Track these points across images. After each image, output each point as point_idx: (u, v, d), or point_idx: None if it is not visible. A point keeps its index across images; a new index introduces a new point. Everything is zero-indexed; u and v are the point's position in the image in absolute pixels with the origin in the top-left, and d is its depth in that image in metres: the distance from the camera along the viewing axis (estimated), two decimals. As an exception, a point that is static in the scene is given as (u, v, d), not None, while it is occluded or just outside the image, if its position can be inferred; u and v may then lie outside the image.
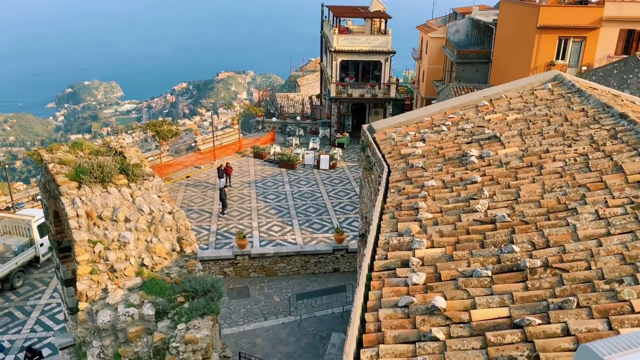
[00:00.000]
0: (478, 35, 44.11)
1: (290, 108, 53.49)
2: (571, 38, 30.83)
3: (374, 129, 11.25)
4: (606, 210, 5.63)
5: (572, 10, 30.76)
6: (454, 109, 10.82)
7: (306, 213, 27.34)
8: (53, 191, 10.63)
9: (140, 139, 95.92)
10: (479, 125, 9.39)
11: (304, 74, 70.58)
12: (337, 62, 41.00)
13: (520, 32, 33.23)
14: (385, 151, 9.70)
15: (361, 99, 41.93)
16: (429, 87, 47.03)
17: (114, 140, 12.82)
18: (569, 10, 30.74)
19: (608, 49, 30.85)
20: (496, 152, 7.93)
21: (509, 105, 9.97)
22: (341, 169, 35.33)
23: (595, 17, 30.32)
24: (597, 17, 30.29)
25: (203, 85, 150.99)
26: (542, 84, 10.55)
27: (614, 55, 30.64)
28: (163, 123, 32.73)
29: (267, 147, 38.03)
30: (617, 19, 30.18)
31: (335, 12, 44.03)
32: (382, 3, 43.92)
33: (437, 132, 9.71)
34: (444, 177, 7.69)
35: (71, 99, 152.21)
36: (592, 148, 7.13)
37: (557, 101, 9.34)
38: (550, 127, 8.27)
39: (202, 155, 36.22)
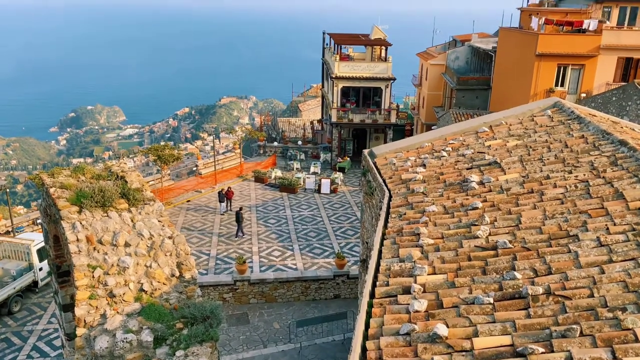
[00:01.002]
0: (478, 62, 44.64)
1: (291, 133, 53.78)
2: (570, 65, 31.19)
3: (374, 154, 11.29)
4: (608, 237, 5.61)
5: (570, 38, 31.18)
6: (454, 135, 10.87)
7: (307, 238, 27.23)
8: (54, 215, 10.63)
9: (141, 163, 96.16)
10: (479, 151, 9.42)
11: (306, 99, 71.20)
12: (338, 88, 41.41)
13: (519, 59, 33.63)
14: (386, 176, 9.72)
15: (362, 124, 42.20)
16: (429, 113, 47.37)
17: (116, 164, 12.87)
18: (567, 39, 31.16)
19: (606, 76, 31.17)
20: (497, 178, 7.94)
21: (509, 131, 10.02)
22: (342, 193, 35.32)
23: (593, 45, 30.73)
24: (595, 45, 30.69)
25: (205, 110, 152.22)
26: (542, 110, 10.63)
27: (612, 82, 30.94)
28: (165, 147, 32.86)
29: (269, 171, 38.11)
30: (614, 47, 30.57)
31: (336, 40, 44.68)
32: (382, 31, 44.59)
33: (438, 158, 9.74)
34: (445, 202, 7.69)
35: (74, 123, 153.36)
36: (592, 175, 7.14)
37: (557, 128, 9.39)
38: (551, 154, 8.30)
39: (203, 180, 36.26)
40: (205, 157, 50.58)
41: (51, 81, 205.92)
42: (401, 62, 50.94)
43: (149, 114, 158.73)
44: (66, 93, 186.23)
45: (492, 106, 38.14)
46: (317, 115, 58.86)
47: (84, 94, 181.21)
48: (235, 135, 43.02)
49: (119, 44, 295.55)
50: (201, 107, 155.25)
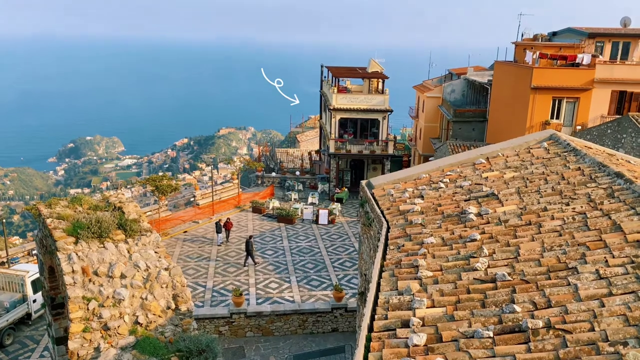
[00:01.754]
0: (473, 95, 45.23)
1: (289, 163, 53.99)
2: (565, 98, 31.62)
3: (372, 185, 11.31)
4: (607, 270, 5.59)
5: (564, 72, 31.71)
6: (452, 166, 10.93)
7: (304, 269, 27.01)
8: (50, 246, 10.55)
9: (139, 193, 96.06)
10: (476, 182, 9.46)
11: (304, 130, 71.75)
12: (336, 119, 41.80)
13: (515, 92, 34.11)
14: (384, 207, 9.71)
15: (360, 155, 42.43)
16: (426, 144, 47.71)
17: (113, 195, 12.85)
18: (562, 72, 31.69)
19: (601, 109, 31.56)
20: (494, 210, 7.95)
21: (506, 163, 10.08)
22: (340, 224, 35.20)
23: (587, 79, 31.23)
24: (588, 79, 31.19)
25: (204, 140, 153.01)
26: (538, 142, 10.72)
27: (607, 115, 31.31)
28: (163, 178, 32.91)
29: (266, 201, 38.06)
30: (608, 80, 31.06)
31: (334, 73, 45.35)
32: (379, 64, 45.32)
33: (435, 189, 9.76)
34: (443, 234, 7.67)
35: (72, 153, 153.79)
36: (590, 207, 7.16)
37: (554, 160, 9.45)
38: (548, 186, 8.33)
39: (200, 210, 36.17)
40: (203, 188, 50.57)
41: (51, 112, 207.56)
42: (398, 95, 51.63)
43: (147, 145, 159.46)
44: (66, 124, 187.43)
45: (488, 138, 38.46)
46: (315, 146, 59.22)
47: (83, 124, 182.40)
48: (233, 165, 43.21)
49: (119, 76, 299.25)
50: (200, 137, 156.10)
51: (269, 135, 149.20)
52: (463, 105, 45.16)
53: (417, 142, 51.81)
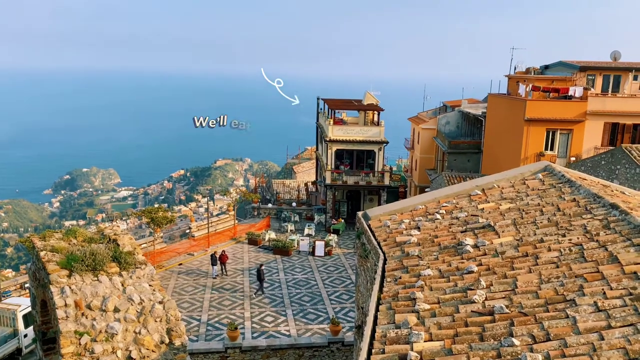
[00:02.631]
0: (468, 127, 45.70)
1: (286, 194, 53.96)
2: (558, 130, 31.98)
3: (369, 216, 11.29)
4: (605, 302, 5.55)
5: (557, 104, 32.17)
6: (448, 197, 10.95)
7: (300, 302, 26.67)
8: (43, 279, 10.42)
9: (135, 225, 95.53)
10: (472, 214, 9.46)
11: (300, 161, 72.01)
12: (332, 150, 42.05)
13: (509, 124, 34.49)
14: (380, 238, 9.68)
15: (356, 186, 42.52)
16: (422, 175, 47.90)
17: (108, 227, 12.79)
18: (555, 105, 32.15)
19: (595, 141, 31.89)
20: (491, 242, 7.93)
21: (502, 194, 10.11)
22: (337, 255, 34.98)
23: (579, 111, 31.66)
24: (581, 111, 31.62)
25: (200, 172, 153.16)
26: (533, 174, 10.78)
27: (600, 146, 31.62)
28: (158, 210, 32.80)
29: (262, 233, 37.87)
30: (600, 112, 31.50)
31: (330, 105, 45.88)
32: (374, 96, 45.91)
33: (432, 221, 9.76)
34: (440, 266, 7.63)
35: (68, 185, 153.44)
36: (586, 238, 7.16)
37: (549, 191, 9.50)
38: (544, 217, 8.34)
39: (195, 242, 35.93)
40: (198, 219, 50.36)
41: (48, 144, 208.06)
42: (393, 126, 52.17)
43: (144, 176, 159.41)
44: (62, 156, 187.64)
45: (483, 169, 38.68)
46: (312, 177, 59.37)
47: (80, 156, 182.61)
48: (229, 197, 43.14)
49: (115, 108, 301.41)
50: (196, 169, 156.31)
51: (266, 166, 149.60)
52: (458, 137, 45.57)
53: (413, 173, 52.03)
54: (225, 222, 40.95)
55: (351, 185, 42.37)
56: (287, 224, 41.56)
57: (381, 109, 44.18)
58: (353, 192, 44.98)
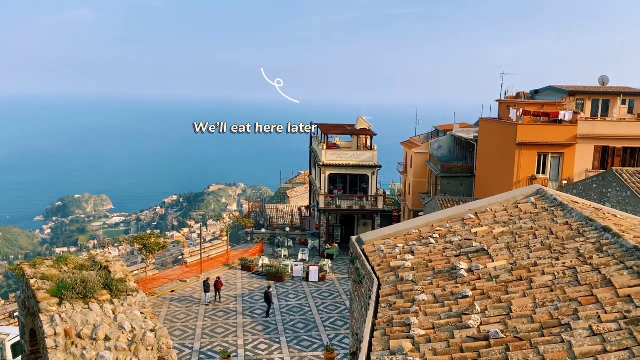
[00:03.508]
0: (460, 151, 46.04)
1: (279, 219, 53.80)
2: (550, 154, 32.28)
3: (362, 241, 11.26)
4: (600, 326, 5.53)
5: (548, 128, 32.55)
6: (441, 221, 10.96)
7: (294, 329, 26.34)
8: (32, 308, 10.25)
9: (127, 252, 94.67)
10: (466, 238, 9.47)
11: (294, 186, 72.04)
12: (325, 175, 42.14)
13: (500, 148, 34.79)
14: (374, 263, 9.64)
15: (350, 210, 42.51)
16: (416, 199, 48.00)
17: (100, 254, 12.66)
18: (545, 129, 32.52)
19: (586, 164, 32.19)
20: (485, 266, 7.92)
21: (495, 218, 10.14)
22: (331, 281, 34.72)
23: (570, 135, 32.02)
24: (571, 135, 31.98)
25: (193, 197, 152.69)
26: (525, 197, 10.84)
27: (591, 169, 31.91)
28: (151, 236, 32.61)
29: (256, 258, 37.61)
30: (591, 136, 31.87)
31: (323, 130, 46.15)
32: (367, 121, 46.28)
33: (426, 245, 9.74)
34: (435, 291, 7.59)
35: (60, 212, 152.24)
36: (579, 261, 7.17)
37: (541, 214, 9.54)
38: (537, 240, 8.36)
39: (188, 269, 35.60)
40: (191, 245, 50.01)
41: (40, 170, 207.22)
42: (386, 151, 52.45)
43: (136, 202, 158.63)
44: (55, 182, 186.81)
45: (476, 193, 38.84)
46: (305, 202, 59.32)
47: (72, 183, 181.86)
48: (222, 222, 42.94)
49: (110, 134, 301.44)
50: (189, 194, 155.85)
51: (259, 191, 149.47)
52: (450, 161, 45.87)
53: (406, 197, 52.13)
54: (219, 248, 40.65)
55: (345, 209, 42.33)
56: (280, 249, 41.32)
57: (374, 134, 44.50)
58: (347, 217, 44.91)
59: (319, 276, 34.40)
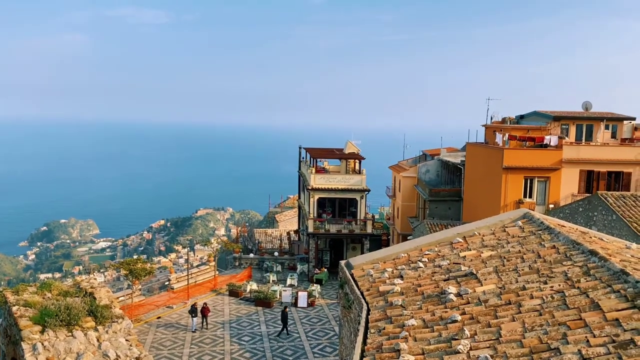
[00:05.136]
0: (448, 175, 46.37)
1: (268, 244, 53.46)
2: (536, 178, 32.61)
3: (351, 265, 11.21)
4: (589, 350, 5.52)
5: (533, 152, 32.97)
6: (430, 245, 10.97)
7: (283, 356, 25.93)
8: (14, 336, 10.00)
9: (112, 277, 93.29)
10: (454, 262, 9.47)
11: (282, 210, 71.86)
12: (314, 199, 42.11)
13: (487, 172, 35.12)
14: (363, 288, 9.58)
15: (338, 234, 42.37)
16: (404, 223, 48.04)
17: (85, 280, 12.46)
18: (531, 153, 32.93)
19: (571, 188, 32.56)
20: (474, 290, 7.91)
21: (483, 242, 10.17)
22: (320, 306, 34.38)
23: (555, 159, 32.44)
24: (557, 159, 32.40)
25: (181, 222, 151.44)
26: (513, 221, 10.91)
27: (577, 193, 32.27)
28: (137, 261, 32.22)
29: (244, 284, 37.22)
30: (575, 160, 32.32)
31: (312, 154, 46.32)
32: (355, 145, 46.56)
33: (415, 269, 9.72)
34: (424, 315, 7.55)
35: (45, 237, 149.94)
36: (567, 285, 7.19)
37: (529, 238, 9.59)
38: (525, 264, 8.38)
39: (175, 295, 35.10)
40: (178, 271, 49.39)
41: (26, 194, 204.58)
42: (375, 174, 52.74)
43: (123, 227, 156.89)
44: (40, 207, 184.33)
45: (464, 217, 39.00)
46: (294, 226, 59.08)
47: (58, 207, 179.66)
48: (210, 247, 42.56)
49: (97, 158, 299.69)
50: (177, 219, 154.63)
51: (248, 215, 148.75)
52: (438, 185, 46.14)
53: (395, 221, 52.17)
54: (206, 273, 40.19)
55: (334, 233, 42.21)
56: (269, 274, 40.95)
57: (362, 158, 44.73)
58: (336, 241, 44.75)
59: (308, 301, 34.07)
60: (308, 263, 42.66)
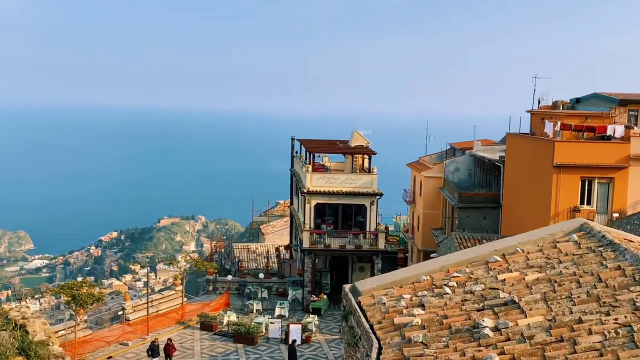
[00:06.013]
0: (483, 175, 46.45)
1: (251, 262, 53.58)
2: (596, 179, 32.58)
3: (359, 291, 11.25)
4: (664, 401, 5.54)
5: (593, 146, 32.97)
6: (459, 265, 11.00)
7: (270, 407, 25.98)
8: None
9: (50, 305, 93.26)
10: (491, 287, 9.50)
11: (270, 219, 71.94)
12: (310, 205, 42.14)
13: (533, 171, 35.15)
14: (374, 320, 9.61)
15: (342, 251, 42.39)
16: (427, 236, 48.10)
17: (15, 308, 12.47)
18: (590, 147, 32.93)
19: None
20: (516, 323, 7.94)
21: (527, 261, 10.20)
22: (317, 343, 34.48)
23: (621, 155, 32.39)
24: (623, 155, 32.35)
25: (139, 234, 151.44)
26: (566, 235, 10.94)
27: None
28: (82, 285, 32.26)
29: (220, 314, 37.30)
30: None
31: (308, 147, 46.30)
32: (364, 136, 46.52)
33: (440, 296, 9.75)
34: (452, 355, 7.57)
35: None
36: (636, 317, 7.21)
37: (587, 256, 9.62)
38: (581, 290, 8.41)
39: (131, 328, 35.19)
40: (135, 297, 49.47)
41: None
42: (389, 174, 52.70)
43: (64, 241, 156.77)
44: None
45: (504, 229, 39.06)
46: (285, 240, 59.15)
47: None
48: (176, 267, 42.64)
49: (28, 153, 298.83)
50: (134, 230, 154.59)
51: (225, 226, 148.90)
52: (470, 187, 46.21)
53: (414, 233, 52.24)
54: (171, 300, 40.26)
55: (336, 250, 42.22)
56: (252, 301, 40.99)
57: (373, 152, 44.75)
58: (338, 260, 44.78)
59: (302, 337, 34.12)
60: (302, 288, 42.69)
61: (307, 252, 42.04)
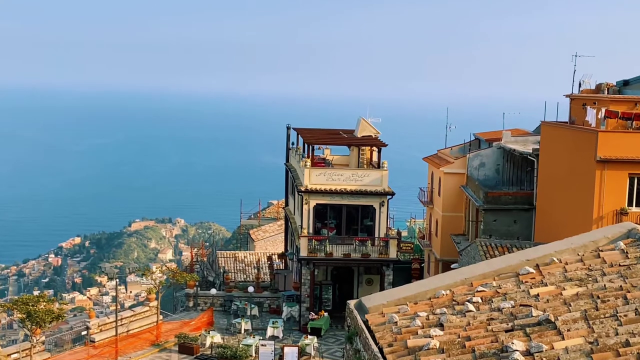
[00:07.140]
0: (513, 171, 46.39)
1: (238, 274, 53.62)
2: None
3: (366, 308, 11.27)
4: None
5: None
6: (485, 278, 11.02)
7: None
8: None
9: (2, 324, 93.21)
10: (522, 303, 9.52)
11: (260, 223, 71.94)
12: (309, 206, 42.10)
13: (573, 166, 35.10)
14: (383, 343, 9.64)
15: (346, 260, 42.37)
16: (446, 244, 48.07)
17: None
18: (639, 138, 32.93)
19: (702, 191, 32.58)
20: (551, 346, 7.96)
21: (565, 273, 10.22)
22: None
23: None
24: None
25: (106, 240, 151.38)
26: (611, 242, 10.95)
27: None
28: (39, 300, 32.24)
29: (201, 335, 37.34)
30: None
31: (306, 139, 46.18)
32: (372, 125, 46.41)
33: (462, 314, 9.78)
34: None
35: None
36: (692, 339, 7.23)
37: (635, 267, 9.63)
38: (629, 307, 8.42)
39: (96, 351, 35.23)
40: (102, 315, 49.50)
41: None
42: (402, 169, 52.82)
43: (16, 248, 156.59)
44: None
45: (537, 235, 39.03)
46: (279, 247, 59.20)
47: None
48: (150, 278, 42.61)
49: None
50: (100, 235, 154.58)
51: (208, 230, 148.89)
52: (498, 185, 46.19)
53: (432, 240, 52.23)
54: (144, 318, 40.30)
55: (339, 259, 42.20)
56: (239, 320, 41.05)
57: (383, 144, 44.64)
58: (342, 271, 44.80)
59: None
60: (300, 304, 42.72)
61: (305, 262, 42.03)
